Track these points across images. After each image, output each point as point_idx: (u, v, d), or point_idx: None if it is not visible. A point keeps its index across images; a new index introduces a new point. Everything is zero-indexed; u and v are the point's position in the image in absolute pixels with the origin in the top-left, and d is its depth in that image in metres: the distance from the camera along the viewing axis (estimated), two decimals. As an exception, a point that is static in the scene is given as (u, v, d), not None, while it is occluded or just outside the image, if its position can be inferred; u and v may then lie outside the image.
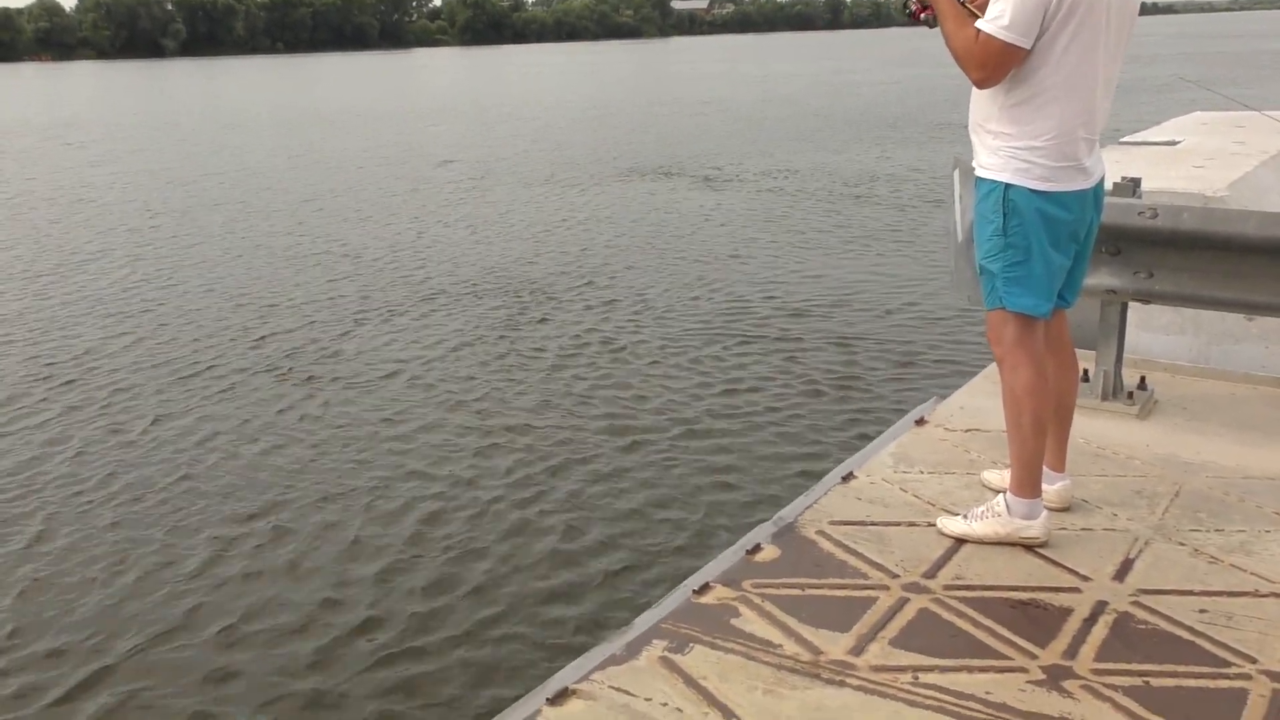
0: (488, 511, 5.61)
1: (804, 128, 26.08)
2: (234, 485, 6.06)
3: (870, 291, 9.96)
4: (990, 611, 3.06)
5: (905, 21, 3.48)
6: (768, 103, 34.72)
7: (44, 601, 4.90)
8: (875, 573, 3.28)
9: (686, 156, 21.05)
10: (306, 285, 10.93)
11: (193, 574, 5.08)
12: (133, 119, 34.76)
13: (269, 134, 28.12)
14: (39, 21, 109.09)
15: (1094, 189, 3.34)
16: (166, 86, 57.34)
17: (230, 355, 8.52)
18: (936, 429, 4.41)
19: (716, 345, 8.40)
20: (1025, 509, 3.39)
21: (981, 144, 3.33)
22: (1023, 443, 3.36)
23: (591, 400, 7.27)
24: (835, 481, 3.94)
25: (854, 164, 19.18)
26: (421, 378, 7.84)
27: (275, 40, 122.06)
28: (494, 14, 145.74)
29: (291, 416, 7.11)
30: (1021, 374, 3.33)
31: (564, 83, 52.09)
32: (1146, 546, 3.41)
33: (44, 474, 6.30)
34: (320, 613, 4.73)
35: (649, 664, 2.86)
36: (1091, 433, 4.24)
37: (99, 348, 8.83)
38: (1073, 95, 3.17)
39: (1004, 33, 3.07)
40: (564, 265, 11.53)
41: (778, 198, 15.82)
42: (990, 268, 3.34)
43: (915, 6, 3.37)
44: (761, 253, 11.90)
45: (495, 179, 18.69)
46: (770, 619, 3.05)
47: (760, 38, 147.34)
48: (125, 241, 13.71)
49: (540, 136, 25.91)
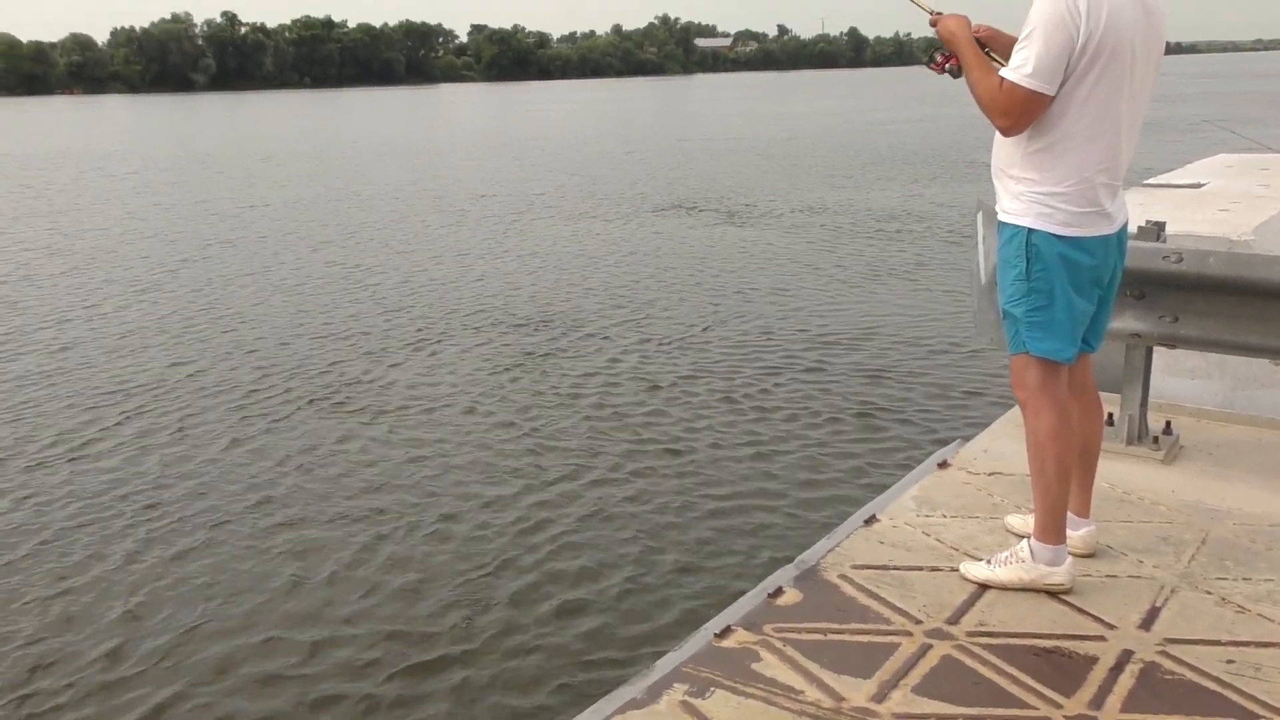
0: (509, 543, 5.62)
1: (832, 165, 26.23)
2: (310, 501, 6.34)
3: (894, 331, 9.95)
4: (1014, 659, 3.03)
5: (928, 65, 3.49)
6: (794, 140, 34.89)
7: (152, 609, 5.15)
8: (898, 618, 3.26)
9: (717, 192, 21.29)
10: (360, 316, 11.13)
11: (277, 584, 5.36)
12: (169, 152, 35.27)
13: (306, 168, 28.43)
14: (71, 55, 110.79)
15: (1117, 234, 3.33)
16: (199, 120, 58.16)
17: (290, 383, 8.76)
18: (959, 472, 4.39)
19: (742, 380, 8.43)
20: (1050, 555, 3.36)
21: (1004, 189, 3.33)
22: (1047, 488, 3.33)
23: (618, 433, 7.31)
24: (857, 524, 3.92)
25: (881, 201, 19.29)
26: (456, 406, 8.04)
27: (303, 75, 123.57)
28: (519, 50, 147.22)
29: (354, 444, 7.30)
30: (1045, 419, 3.31)
31: (593, 119, 52.56)
32: (1173, 595, 3.37)
33: (132, 493, 6.53)
34: (326, 631, 4.83)
35: (669, 708, 2.85)
36: (1116, 477, 4.21)
37: (168, 375, 9.09)
38: (1096, 141, 3.17)
39: (1028, 80, 3.07)
40: (600, 297, 11.73)
41: (806, 234, 15.92)
42: (1013, 312, 3.33)
43: (939, 57, 3.38)
44: (788, 290, 11.96)
45: (533, 213, 18.93)
46: (792, 664, 3.03)
47: (783, 75, 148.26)
48: (179, 272, 13.94)
49: (575, 171, 26.20)
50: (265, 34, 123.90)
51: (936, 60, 3.38)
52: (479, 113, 62.75)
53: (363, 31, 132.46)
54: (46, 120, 59.23)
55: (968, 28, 3.29)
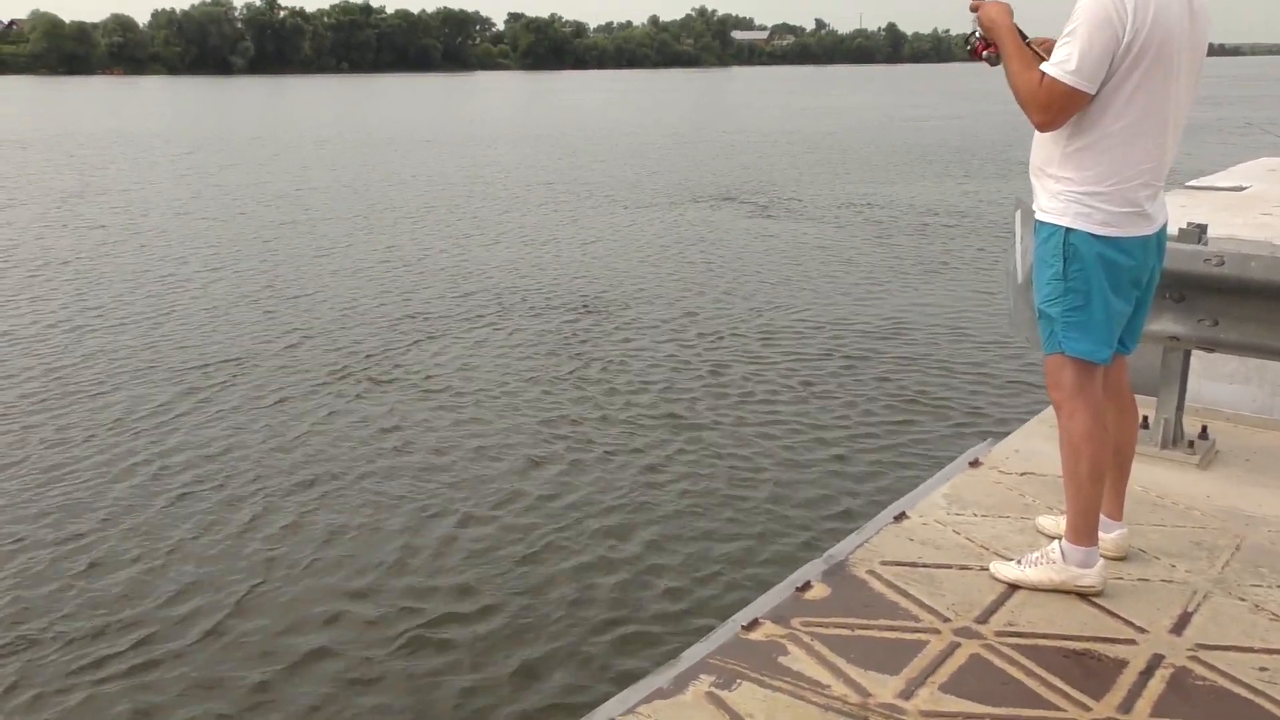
0: (540, 528, 5.66)
1: (873, 159, 26.18)
2: (363, 476, 6.50)
3: (929, 327, 9.92)
4: (1043, 660, 3.02)
5: (966, 57, 3.44)
6: (836, 134, 34.76)
7: (280, 564, 5.41)
8: (926, 615, 3.25)
9: (760, 184, 21.42)
10: (414, 298, 11.31)
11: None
12: (220, 134, 35.55)
13: (357, 153, 28.58)
14: (113, 36, 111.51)
15: (1156, 235, 3.30)
16: (244, 102, 58.52)
17: (347, 360, 8.94)
18: (991, 471, 4.37)
19: (776, 373, 8.44)
20: (1081, 557, 3.34)
21: (1043, 188, 3.30)
22: (1079, 490, 3.31)
23: (653, 420, 7.37)
24: (887, 521, 3.92)
25: (923, 196, 19.29)
26: (506, 388, 8.20)
27: (340, 60, 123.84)
28: (556, 39, 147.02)
29: (405, 422, 7.44)
30: (1079, 420, 3.29)
31: (632, 109, 52.57)
32: (1205, 600, 3.34)
33: (242, 457, 6.80)
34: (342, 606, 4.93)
35: (695, 699, 2.86)
36: (1150, 481, 4.18)
37: (258, 350, 9.28)
38: (1137, 141, 3.14)
39: (1069, 77, 3.04)
40: (644, 285, 11.89)
41: (848, 228, 15.93)
42: (1049, 312, 3.31)
43: (978, 43, 3.33)
44: (826, 282, 11.99)
45: (580, 201, 19.10)
46: (819, 658, 3.03)
47: (820, 69, 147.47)
48: (245, 252, 14.12)
49: (619, 161, 26.34)
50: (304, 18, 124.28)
51: (975, 46, 3.32)
52: (518, 101, 62.80)
53: (400, 17, 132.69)
54: (94, 100, 59.73)
55: (1009, 15, 3.24)
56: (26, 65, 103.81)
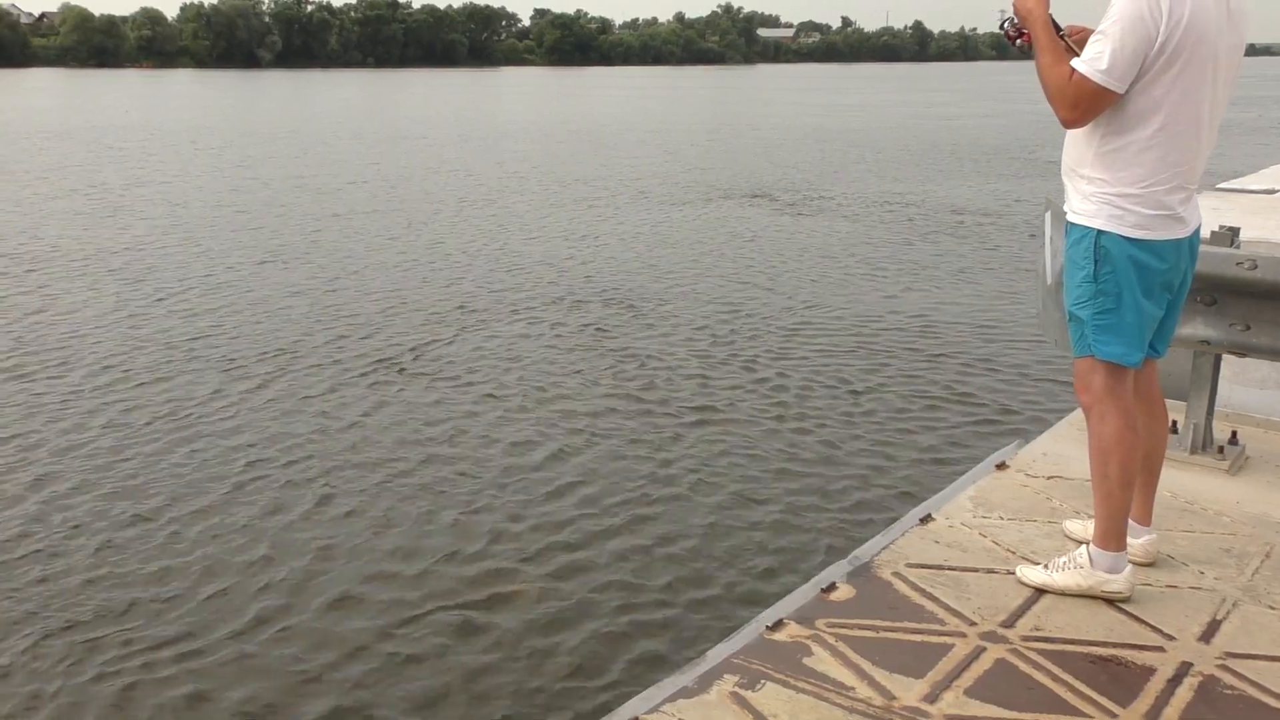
0: (568, 526, 5.66)
1: (903, 158, 26.13)
2: (403, 464, 6.61)
3: (958, 325, 9.88)
4: (1069, 666, 3.00)
5: (993, 55, 3.42)
6: (865, 132, 34.67)
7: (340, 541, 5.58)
8: (952, 619, 3.24)
9: (791, 180, 21.52)
10: (483, 292, 11.42)
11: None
12: (257, 126, 35.94)
13: (393, 146, 28.73)
14: (142, 29, 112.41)
15: (1189, 238, 3.27)
16: (274, 96, 58.95)
17: (415, 353, 9.04)
18: (1018, 474, 4.34)
19: (806, 370, 8.43)
20: (1109, 562, 3.31)
21: (1074, 189, 3.27)
22: (1109, 494, 3.28)
23: (678, 416, 7.37)
24: (913, 523, 3.90)
25: (954, 195, 19.29)
26: (535, 381, 8.27)
27: (366, 55, 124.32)
28: (582, 36, 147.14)
29: (434, 411, 7.56)
30: (1109, 424, 3.26)
31: (660, 106, 52.66)
32: (1235, 608, 3.31)
33: (295, 442, 6.97)
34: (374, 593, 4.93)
35: (719, 699, 2.85)
36: (1179, 486, 4.14)
37: (305, 340, 9.44)
38: (1171, 142, 3.11)
39: (1100, 76, 3.02)
40: (677, 280, 11.98)
41: (879, 225, 15.93)
42: (1080, 314, 3.28)
43: (1011, 30, 3.30)
44: (857, 280, 11.97)
45: (620, 197, 19.20)
46: (844, 660, 3.02)
47: (846, 67, 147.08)
48: (298, 244, 14.29)
49: (650, 158, 26.43)
50: (331, 13, 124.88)
51: (1008, 31, 3.29)
52: (546, 97, 62.92)
53: (427, 13, 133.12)
54: (126, 93, 60.29)
55: (1045, 6, 3.21)
56: (57, 57, 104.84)
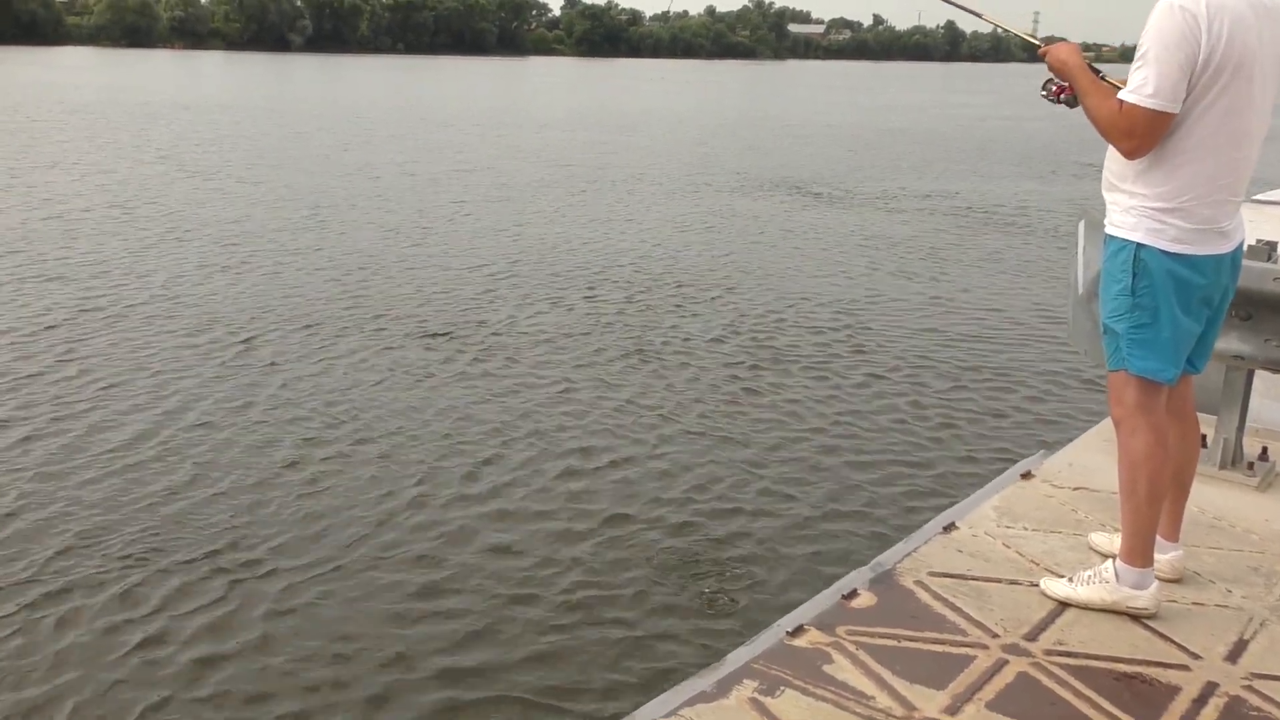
0: (577, 527, 5.64)
1: (937, 157, 25.97)
2: (437, 447, 6.71)
3: (987, 332, 9.78)
4: (1092, 682, 2.97)
5: (1025, 58, 3.43)
6: (901, 131, 34.44)
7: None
8: (974, 630, 3.21)
9: (829, 176, 21.52)
10: (531, 274, 11.63)
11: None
12: (318, 109, 36.35)
13: (453, 134, 28.88)
14: (175, 10, 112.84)
15: (1232, 253, 3.23)
16: (323, 79, 59.19)
17: (466, 331, 9.29)
18: (1043, 484, 4.30)
19: (831, 370, 8.39)
20: (1135, 578, 3.28)
21: (1115, 202, 3.24)
22: (1136, 509, 3.25)
23: (705, 415, 7.33)
24: (936, 531, 3.87)
25: (989, 195, 19.21)
26: (568, 366, 8.39)
27: (396, 41, 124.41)
28: (611, 27, 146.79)
29: (471, 393, 7.70)
30: (1140, 439, 3.22)
31: (691, 99, 52.51)
32: (1262, 628, 3.27)
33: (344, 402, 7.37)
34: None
35: (738, 704, 2.84)
36: (1207, 502, 4.09)
37: (349, 312, 9.80)
38: (1214, 155, 3.07)
39: (1149, 100, 2.99)
40: (729, 273, 12.01)
41: (911, 224, 15.86)
42: (1115, 328, 3.25)
43: (1054, 87, 3.30)
44: (887, 280, 11.90)
45: (660, 185, 19.33)
46: (864, 668, 3.00)
47: (877, 65, 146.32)
48: (356, 223, 14.55)
49: (686, 149, 26.51)
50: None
51: (1052, 90, 3.30)
52: (580, 87, 62.93)
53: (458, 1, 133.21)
54: (165, 72, 60.69)
55: (1078, 54, 3.22)
56: (90, 36, 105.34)
